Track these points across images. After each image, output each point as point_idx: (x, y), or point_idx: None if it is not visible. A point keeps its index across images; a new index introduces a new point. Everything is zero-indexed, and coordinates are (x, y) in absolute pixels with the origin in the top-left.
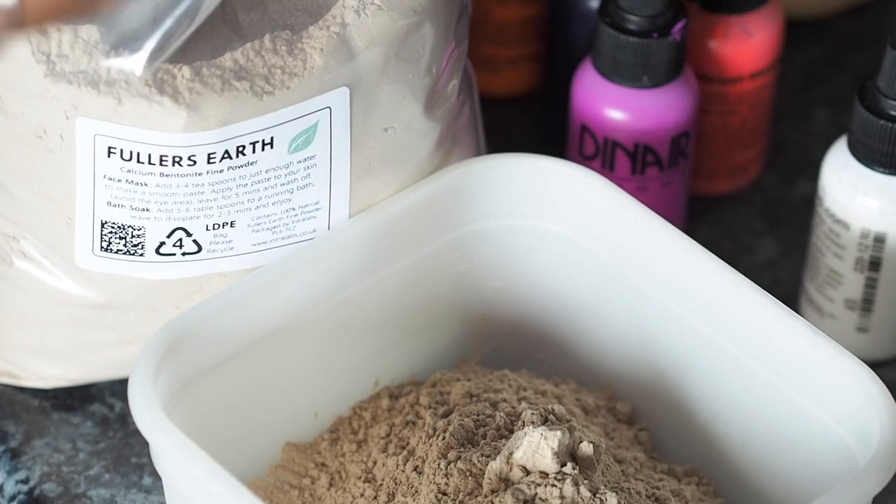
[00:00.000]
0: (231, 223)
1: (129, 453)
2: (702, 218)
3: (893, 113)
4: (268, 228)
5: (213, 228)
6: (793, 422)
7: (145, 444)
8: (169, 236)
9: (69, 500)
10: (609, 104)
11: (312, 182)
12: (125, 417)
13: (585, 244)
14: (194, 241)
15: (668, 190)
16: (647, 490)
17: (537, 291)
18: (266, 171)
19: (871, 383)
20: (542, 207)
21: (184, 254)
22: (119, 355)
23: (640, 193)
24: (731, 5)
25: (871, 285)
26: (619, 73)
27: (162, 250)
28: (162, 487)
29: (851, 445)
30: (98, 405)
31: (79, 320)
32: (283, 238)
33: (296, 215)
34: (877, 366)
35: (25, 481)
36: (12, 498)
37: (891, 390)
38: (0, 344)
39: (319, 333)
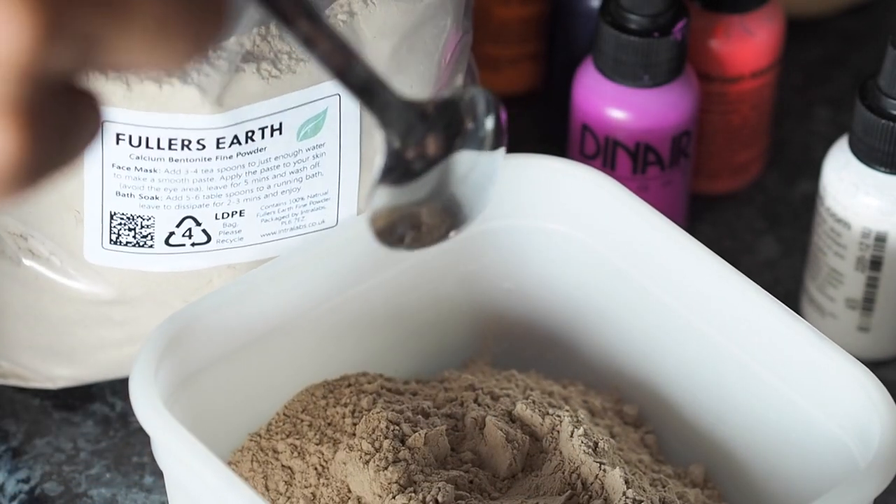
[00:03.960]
0: (240, 212)
1: (130, 452)
2: (703, 217)
3: (894, 112)
4: (277, 218)
5: (223, 217)
6: (795, 424)
7: (146, 444)
8: (178, 225)
9: (70, 499)
10: (610, 103)
11: (321, 171)
12: (126, 417)
13: (594, 245)
14: (203, 230)
15: (669, 189)
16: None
17: (547, 293)
18: (275, 159)
19: (871, 386)
20: (551, 208)
21: (193, 244)
22: (127, 353)
23: (641, 193)
24: (732, 4)
25: (872, 284)
26: (620, 72)
27: (171, 241)
28: (163, 486)
29: (852, 448)
30: (99, 404)
31: (88, 318)
32: (291, 229)
33: (304, 205)
34: (878, 365)
35: (26, 480)
36: (13, 497)
37: (891, 390)
38: (7, 345)
39: (324, 331)
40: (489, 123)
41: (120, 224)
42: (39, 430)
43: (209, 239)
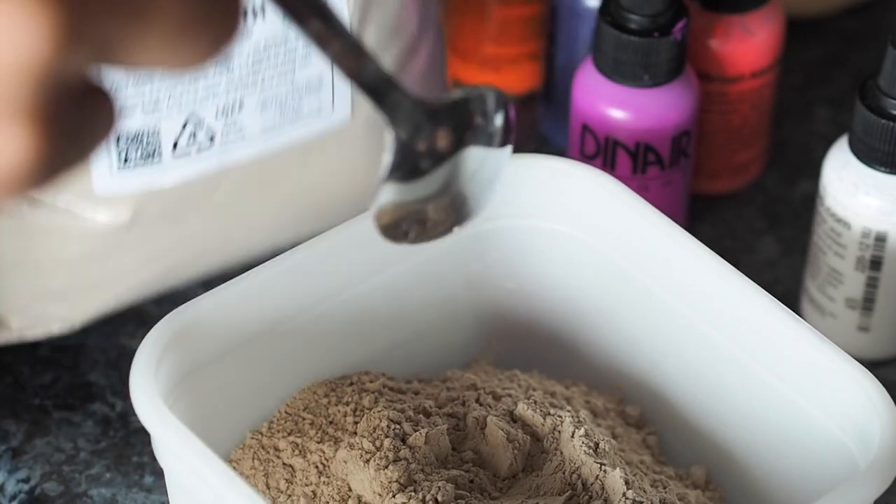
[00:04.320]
0: (239, 105)
1: (130, 452)
2: (703, 217)
3: (894, 112)
4: (275, 107)
5: (224, 115)
6: (795, 425)
7: (146, 443)
8: (183, 129)
9: (70, 499)
10: (610, 103)
11: (313, 57)
12: (126, 416)
13: (595, 245)
14: (207, 131)
15: (669, 189)
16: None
17: (550, 293)
18: (265, 49)
19: (871, 387)
20: (552, 208)
21: (199, 150)
22: (144, 277)
23: (641, 192)
24: (732, 4)
25: (872, 284)
26: (620, 72)
27: (178, 149)
28: (163, 486)
29: (852, 449)
30: (99, 404)
31: (103, 250)
32: (291, 121)
33: (300, 92)
34: (878, 365)
35: (26, 480)
36: (13, 497)
37: (891, 390)
38: (23, 300)
39: (327, 329)
40: (498, 120)
41: (127, 143)
42: (39, 430)
43: (213, 140)
